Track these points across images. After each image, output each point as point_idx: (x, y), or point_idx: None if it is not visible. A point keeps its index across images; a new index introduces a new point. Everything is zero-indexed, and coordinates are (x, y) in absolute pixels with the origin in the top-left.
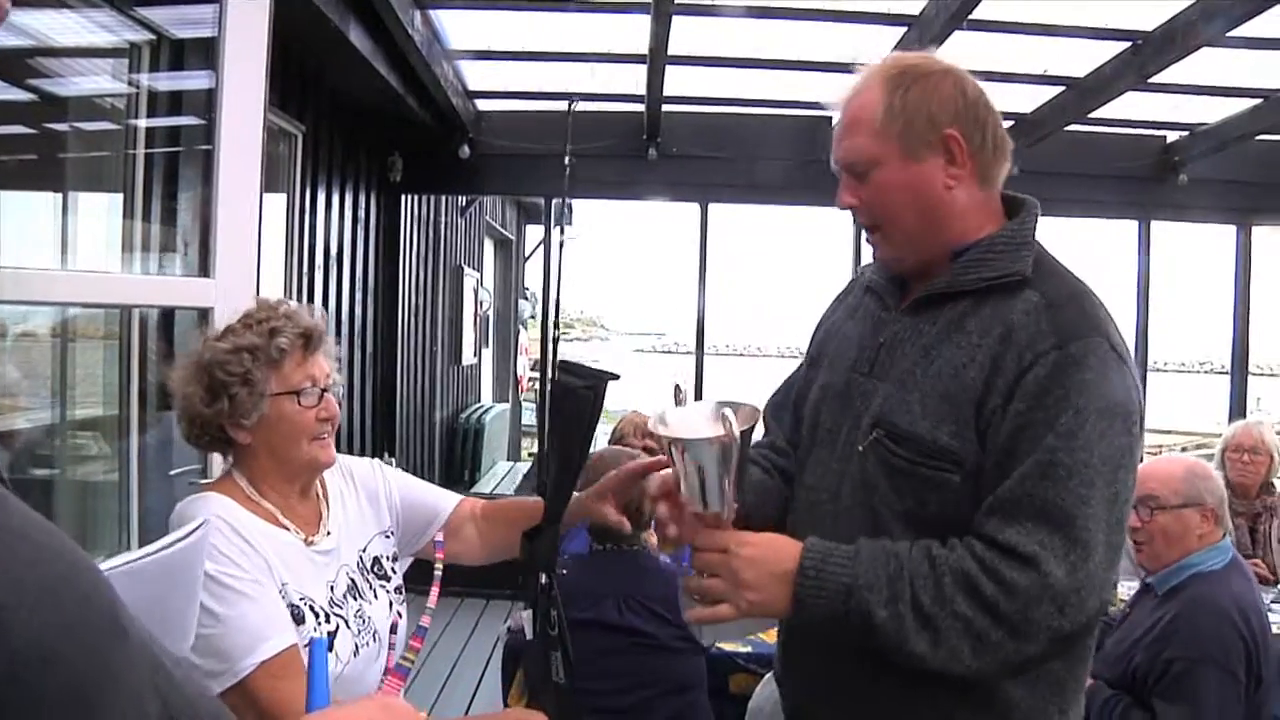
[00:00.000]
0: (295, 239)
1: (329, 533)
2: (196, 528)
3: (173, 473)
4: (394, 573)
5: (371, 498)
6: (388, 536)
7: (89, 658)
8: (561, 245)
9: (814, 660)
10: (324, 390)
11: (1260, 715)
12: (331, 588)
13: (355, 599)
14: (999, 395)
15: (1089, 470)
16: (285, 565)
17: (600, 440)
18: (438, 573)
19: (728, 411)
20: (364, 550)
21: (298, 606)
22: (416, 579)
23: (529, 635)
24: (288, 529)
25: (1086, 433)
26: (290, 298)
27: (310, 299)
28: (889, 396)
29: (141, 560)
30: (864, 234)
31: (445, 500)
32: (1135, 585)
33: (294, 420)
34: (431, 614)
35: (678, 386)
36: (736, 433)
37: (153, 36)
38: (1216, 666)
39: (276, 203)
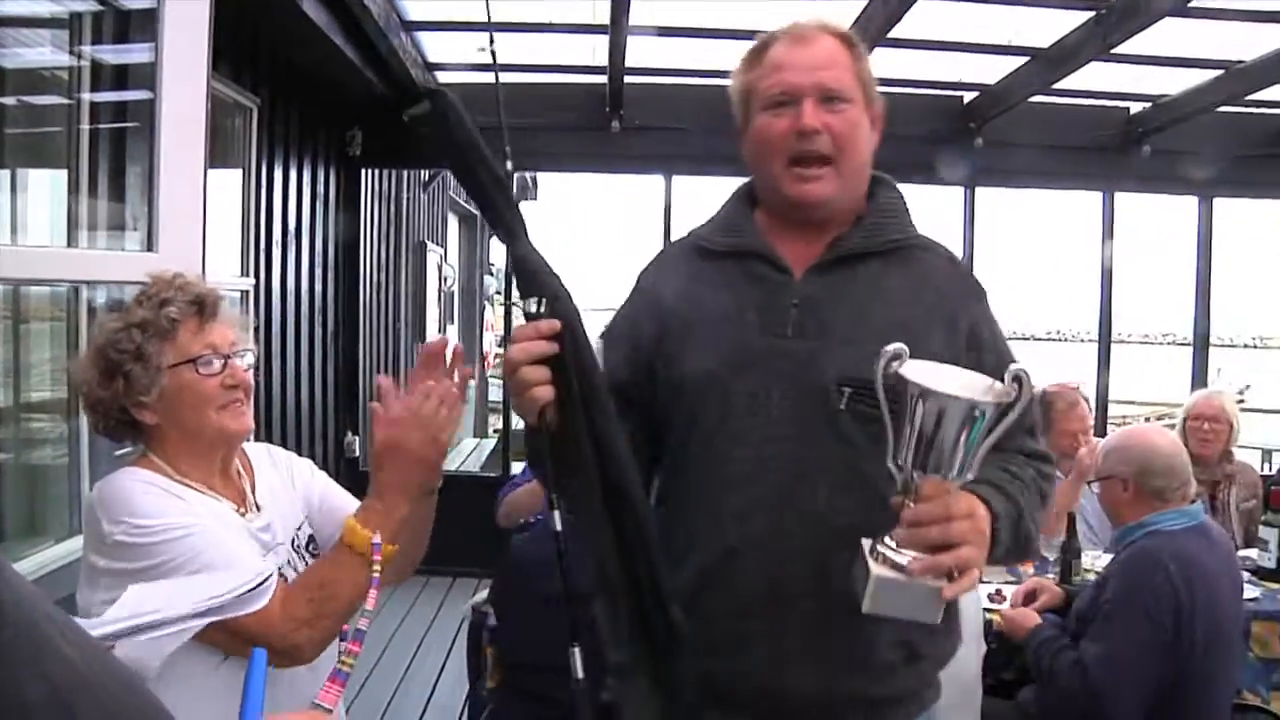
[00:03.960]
0: (252, 214)
1: (259, 507)
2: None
3: (118, 453)
4: None
5: (299, 485)
6: (313, 526)
7: None
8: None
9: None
10: (227, 357)
11: (1213, 681)
12: (264, 561)
13: (292, 578)
14: (962, 343)
15: None
16: (227, 530)
17: None
18: (375, 574)
19: (1019, 369)
20: (299, 529)
21: None
22: None
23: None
24: (219, 501)
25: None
26: (248, 275)
27: (269, 276)
28: (842, 355)
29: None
30: (797, 167)
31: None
32: (1099, 554)
33: (196, 390)
34: (372, 617)
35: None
36: (1032, 390)
37: (97, 6)
38: (1141, 612)
39: (232, 178)
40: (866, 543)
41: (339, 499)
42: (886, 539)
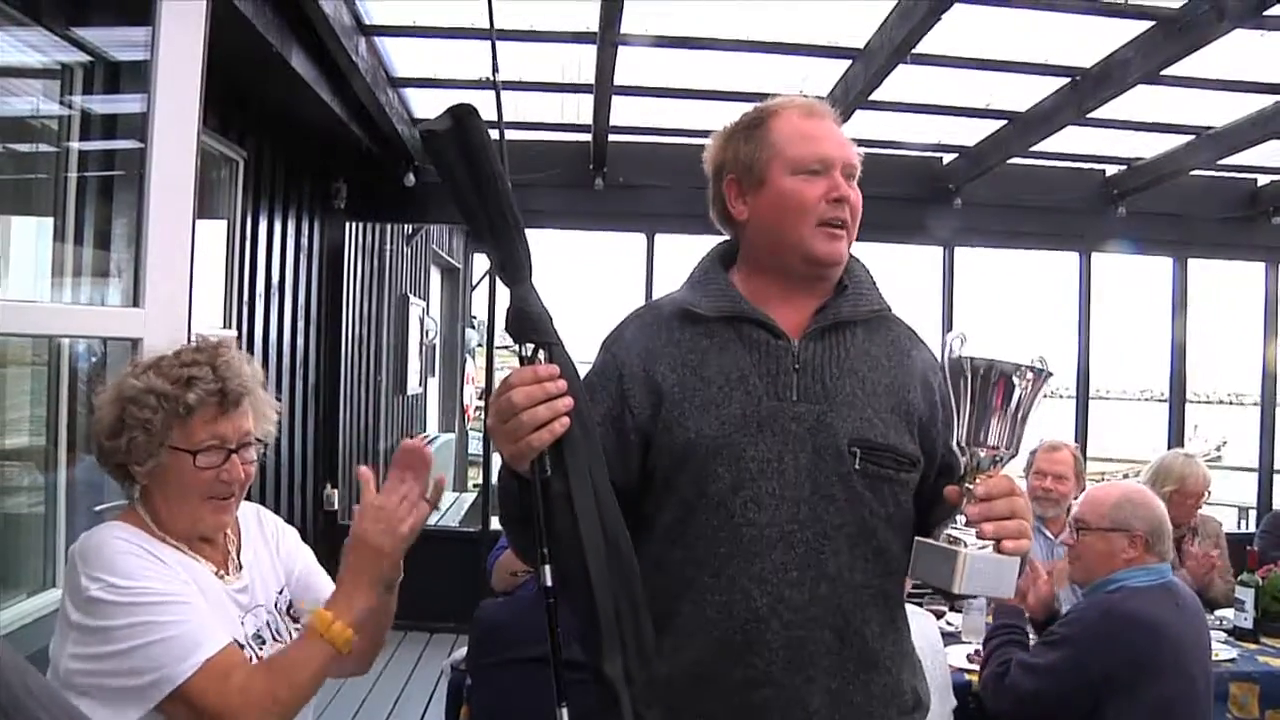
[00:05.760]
0: (236, 266)
1: (241, 567)
2: None
3: (99, 508)
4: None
5: (283, 553)
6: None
7: None
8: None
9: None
10: (233, 450)
11: None
12: (242, 623)
13: (270, 640)
14: (930, 410)
15: None
16: (203, 594)
17: None
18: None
19: (1039, 355)
20: (280, 593)
21: None
22: None
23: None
24: (198, 562)
25: None
26: (230, 326)
27: (251, 327)
28: (848, 417)
29: None
30: (828, 227)
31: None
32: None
33: (187, 478)
34: None
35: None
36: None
37: (88, 58)
38: (1079, 648)
39: (217, 229)
40: (924, 538)
41: (317, 578)
42: (953, 525)
